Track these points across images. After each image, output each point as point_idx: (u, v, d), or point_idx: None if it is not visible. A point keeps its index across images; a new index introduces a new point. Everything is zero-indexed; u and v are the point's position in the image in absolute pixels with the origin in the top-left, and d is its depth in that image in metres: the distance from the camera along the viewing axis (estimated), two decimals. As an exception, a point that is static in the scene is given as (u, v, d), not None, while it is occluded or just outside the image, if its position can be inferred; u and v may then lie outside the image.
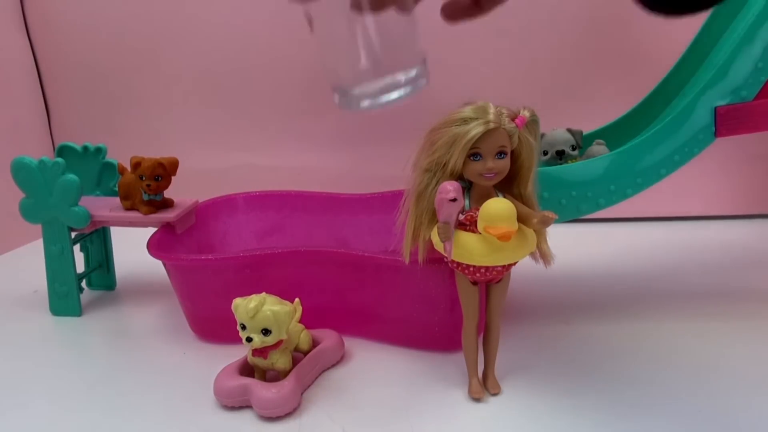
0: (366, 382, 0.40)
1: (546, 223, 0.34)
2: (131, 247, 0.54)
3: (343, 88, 0.32)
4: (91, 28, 0.78)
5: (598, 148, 0.48)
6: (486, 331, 0.39)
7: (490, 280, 0.37)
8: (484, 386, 0.38)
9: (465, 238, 0.34)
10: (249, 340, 0.37)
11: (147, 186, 0.50)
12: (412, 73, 0.31)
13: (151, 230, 0.50)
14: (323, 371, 0.42)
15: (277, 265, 0.44)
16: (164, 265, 0.47)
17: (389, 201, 0.51)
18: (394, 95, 0.31)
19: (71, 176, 0.49)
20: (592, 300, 0.53)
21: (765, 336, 0.45)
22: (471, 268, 0.35)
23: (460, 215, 0.35)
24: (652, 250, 0.66)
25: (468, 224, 0.35)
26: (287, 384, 0.37)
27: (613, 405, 0.37)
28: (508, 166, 0.34)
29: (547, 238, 0.37)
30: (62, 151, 0.55)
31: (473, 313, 0.37)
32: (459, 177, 0.35)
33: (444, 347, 0.43)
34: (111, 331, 0.50)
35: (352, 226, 0.57)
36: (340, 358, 0.43)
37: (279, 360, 0.38)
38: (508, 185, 0.36)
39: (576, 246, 0.65)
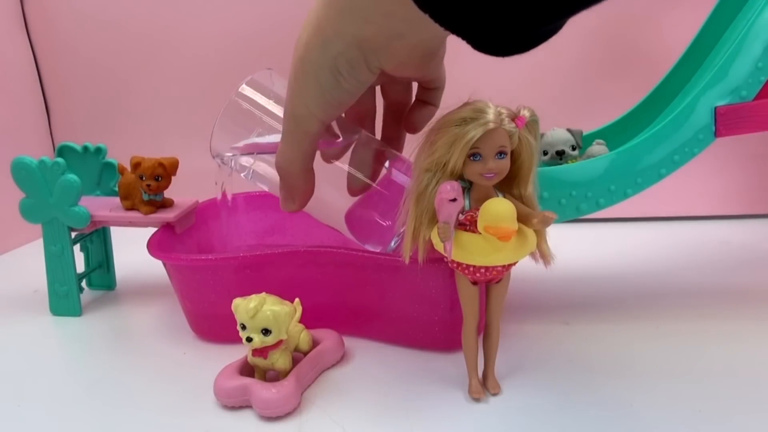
0: (366, 382, 0.40)
1: (546, 223, 0.34)
2: (131, 247, 0.54)
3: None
4: (92, 28, 0.79)
5: (598, 148, 0.48)
6: (486, 331, 0.39)
7: (490, 280, 0.37)
8: (484, 386, 0.38)
9: (465, 238, 0.34)
10: (249, 340, 0.37)
11: (147, 186, 0.50)
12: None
13: (151, 230, 0.51)
14: (323, 371, 0.42)
15: (277, 265, 0.44)
16: (164, 265, 0.47)
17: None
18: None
19: (71, 176, 0.49)
20: (592, 300, 0.53)
21: (765, 336, 0.45)
22: (471, 268, 0.35)
23: (460, 215, 0.35)
24: (652, 250, 0.66)
25: (468, 224, 0.35)
26: (287, 384, 0.37)
27: (612, 405, 0.37)
28: (508, 167, 0.34)
29: (547, 238, 0.37)
30: (62, 151, 0.55)
31: (473, 313, 0.37)
32: (459, 177, 0.35)
33: (444, 347, 0.43)
34: (111, 331, 0.50)
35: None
36: (340, 358, 0.43)
37: (279, 360, 0.38)
38: (508, 185, 0.36)
39: (576, 246, 0.65)
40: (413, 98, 0.41)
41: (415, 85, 0.40)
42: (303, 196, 0.37)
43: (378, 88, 0.40)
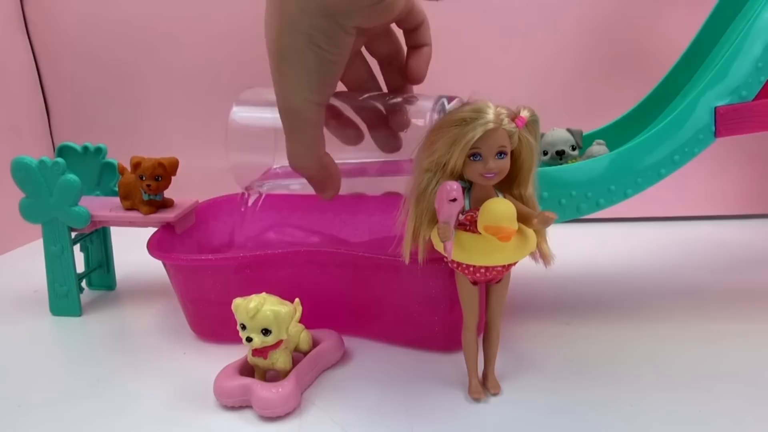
0: (366, 382, 0.40)
1: (546, 223, 0.34)
2: (131, 247, 0.54)
3: None
4: (92, 29, 0.78)
5: (598, 148, 0.48)
6: (486, 331, 0.39)
7: (490, 280, 0.37)
8: (484, 386, 0.38)
9: (465, 238, 0.34)
10: (249, 340, 0.37)
11: (147, 186, 0.50)
12: None
13: (151, 230, 0.51)
14: (323, 371, 0.42)
15: (277, 265, 0.44)
16: (164, 265, 0.47)
17: (389, 201, 0.51)
18: None
19: (71, 176, 0.49)
20: (592, 300, 0.53)
21: (765, 336, 0.45)
22: (471, 268, 0.35)
23: (460, 215, 0.35)
24: (652, 250, 0.66)
25: (468, 224, 0.35)
26: (287, 384, 0.37)
27: (613, 405, 0.37)
28: (508, 166, 0.34)
29: (547, 238, 0.37)
30: (62, 151, 0.55)
31: (473, 313, 0.37)
32: (459, 177, 0.35)
33: (444, 347, 0.43)
34: (111, 331, 0.50)
35: (351, 226, 0.57)
36: (340, 358, 0.43)
37: (279, 360, 0.38)
38: (508, 185, 0.36)
39: (576, 246, 0.65)
40: (401, 43, 0.40)
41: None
42: (332, 181, 0.38)
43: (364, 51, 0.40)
